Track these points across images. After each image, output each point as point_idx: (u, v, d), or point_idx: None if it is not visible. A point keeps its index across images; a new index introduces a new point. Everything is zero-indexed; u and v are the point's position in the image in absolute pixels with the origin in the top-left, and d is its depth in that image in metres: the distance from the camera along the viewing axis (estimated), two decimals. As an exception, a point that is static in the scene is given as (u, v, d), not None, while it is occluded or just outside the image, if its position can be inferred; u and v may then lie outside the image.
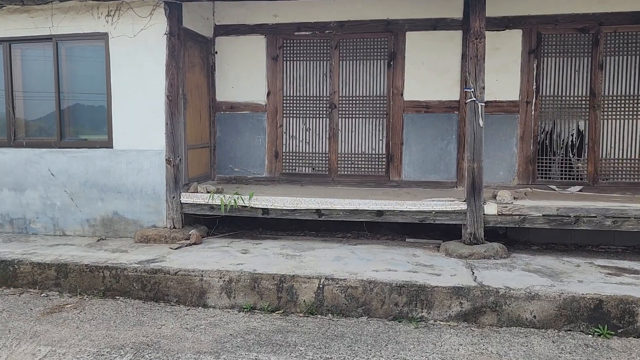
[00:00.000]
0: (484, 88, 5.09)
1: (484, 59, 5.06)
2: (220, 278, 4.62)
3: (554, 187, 6.12)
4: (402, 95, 6.39)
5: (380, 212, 5.42)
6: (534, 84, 6.14)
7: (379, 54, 6.46)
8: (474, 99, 5.08)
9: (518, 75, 6.13)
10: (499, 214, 5.18)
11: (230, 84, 6.76)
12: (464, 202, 5.23)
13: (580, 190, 6.03)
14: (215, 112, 6.82)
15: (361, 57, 6.50)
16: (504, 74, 6.11)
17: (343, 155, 6.64)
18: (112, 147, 5.91)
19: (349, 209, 5.47)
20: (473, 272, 4.60)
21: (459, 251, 5.08)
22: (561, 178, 6.22)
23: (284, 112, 6.72)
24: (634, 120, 5.97)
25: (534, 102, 6.14)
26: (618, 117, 6.01)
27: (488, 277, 4.46)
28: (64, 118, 6.08)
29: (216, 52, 6.75)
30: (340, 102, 6.58)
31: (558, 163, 6.23)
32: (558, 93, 6.14)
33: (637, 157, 6.00)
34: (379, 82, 6.48)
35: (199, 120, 6.47)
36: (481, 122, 5.11)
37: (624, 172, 6.05)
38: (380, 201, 5.44)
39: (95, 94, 5.96)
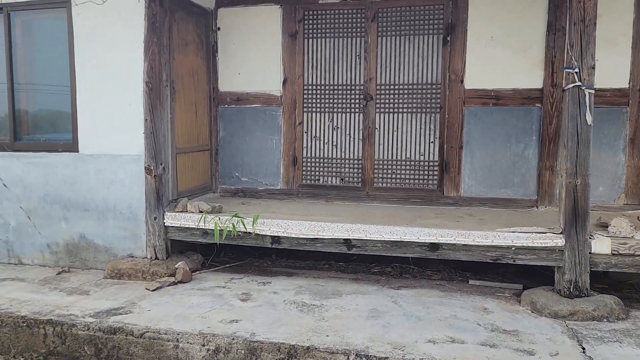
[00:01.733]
0: (593, 68, 3.51)
1: (595, 24, 3.47)
2: (204, 346, 3.22)
3: (678, 209, 4.46)
4: (462, 82, 4.83)
5: (434, 246, 3.90)
6: (652, 64, 4.48)
7: (431, 26, 4.92)
8: (579, 83, 3.50)
9: (628, 53, 4.48)
10: (613, 254, 3.58)
11: (237, 69, 5.34)
12: (561, 235, 3.65)
13: None
14: (218, 106, 5.42)
15: (407, 31, 4.97)
16: (607, 52, 4.47)
17: (381, 162, 5.13)
18: (77, 151, 4.58)
19: (390, 240, 3.97)
20: (583, 348, 3.05)
21: (553, 307, 3.51)
22: (686, 196, 4.53)
23: (305, 105, 5.26)
24: None
25: (650, 91, 4.48)
26: None
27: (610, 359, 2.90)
28: (18, 112, 4.79)
29: (219, 28, 5.35)
30: (378, 92, 5.07)
31: (683, 175, 4.54)
32: (684, 78, 4.46)
33: None
34: (431, 65, 4.94)
35: (194, 116, 5.07)
36: (589, 118, 3.53)
37: None
38: (435, 230, 3.91)
39: (57, 82, 4.64)
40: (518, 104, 4.74)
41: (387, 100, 5.07)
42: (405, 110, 5.04)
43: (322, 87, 5.22)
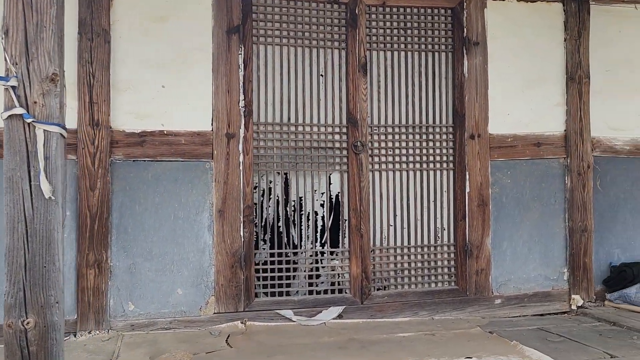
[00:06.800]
0: (54, 81, 1.71)
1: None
2: None
3: (289, 314, 3.05)
4: None
5: None
6: (241, 98, 3.07)
7: None
8: (21, 111, 1.67)
9: (209, 76, 3.00)
10: None
11: None
12: None
13: (339, 317, 3.11)
14: None
15: None
16: (178, 76, 2.92)
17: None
18: None
19: None
20: None
21: None
22: (301, 293, 3.18)
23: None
24: (425, 173, 3.36)
25: (242, 135, 3.05)
26: (400, 165, 3.34)
27: None
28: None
29: None
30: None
31: (294, 262, 3.20)
32: (279, 118, 3.18)
33: (432, 241, 3.37)
34: None
35: None
36: (45, 187, 1.69)
37: (412, 273, 3.34)
38: None
39: None
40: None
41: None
42: None
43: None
